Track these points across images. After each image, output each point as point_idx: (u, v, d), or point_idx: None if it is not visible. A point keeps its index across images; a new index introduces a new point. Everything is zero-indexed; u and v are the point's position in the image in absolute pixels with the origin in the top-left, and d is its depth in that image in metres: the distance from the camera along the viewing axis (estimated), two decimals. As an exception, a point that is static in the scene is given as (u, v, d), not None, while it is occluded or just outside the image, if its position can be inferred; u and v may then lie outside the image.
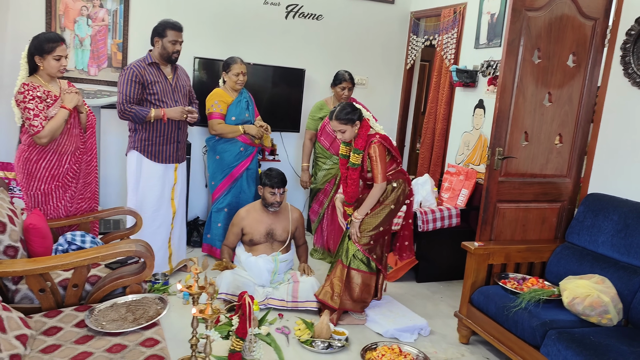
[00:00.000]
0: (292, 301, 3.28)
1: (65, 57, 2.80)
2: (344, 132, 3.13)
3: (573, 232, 3.11)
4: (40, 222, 2.58)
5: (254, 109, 4.06)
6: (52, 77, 2.82)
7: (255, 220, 3.47)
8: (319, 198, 4.23)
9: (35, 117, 2.69)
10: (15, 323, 1.96)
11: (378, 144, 3.09)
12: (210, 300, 2.24)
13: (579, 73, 3.17)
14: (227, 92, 3.91)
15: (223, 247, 3.56)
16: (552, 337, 2.43)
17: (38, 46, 2.73)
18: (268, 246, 3.48)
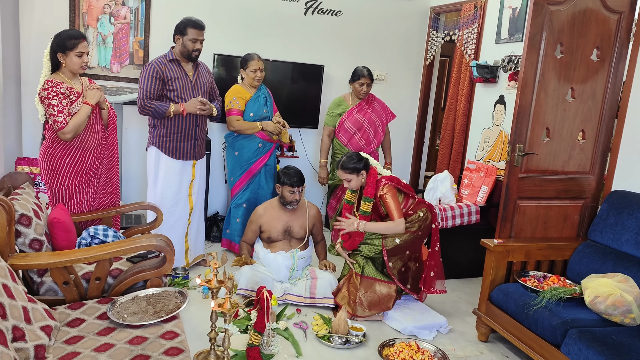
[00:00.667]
0: (310, 297, 3.30)
1: (87, 53, 2.84)
2: (350, 181, 3.21)
3: (596, 230, 3.06)
4: (64, 216, 2.64)
5: (273, 104, 4.07)
6: (75, 74, 2.87)
7: (272, 217, 3.49)
8: (337, 194, 4.23)
9: (59, 113, 2.74)
10: (40, 314, 2.01)
11: (387, 184, 3.15)
12: (229, 294, 2.26)
13: (603, 68, 3.11)
14: (245, 89, 3.93)
15: (242, 244, 3.59)
16: (573, 336, 2.39)
17: (60, 43, 2.78)
18: (286, 243, 3.49)
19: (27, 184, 2.79)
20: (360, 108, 4.12)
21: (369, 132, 4.11)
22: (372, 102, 4.18)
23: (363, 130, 4.10)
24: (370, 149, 4.10)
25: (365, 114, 4.12)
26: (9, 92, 3.80)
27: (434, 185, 4.21)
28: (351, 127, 4.10)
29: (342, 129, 4.13)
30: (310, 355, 2.77)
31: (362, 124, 4.10)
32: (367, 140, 4.11)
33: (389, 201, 3.13)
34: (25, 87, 4.11)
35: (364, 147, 4.08)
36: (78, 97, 2.85)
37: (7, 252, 2.21)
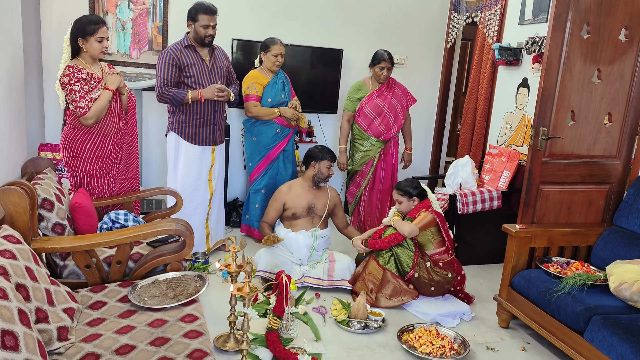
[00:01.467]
0: (328, 279, 3.31)
1: (107, 38, 2.85)
2: (401, 203, 3.31)
3: (622, 215, 2.98)
4: (85, 201, 2.68)
5: (290, 89, 4.04)
6: (95, 59, 2.88)
7: (297, 195, 3.54)
8: (356, 180, 4.19)
9: (81, 98, 2.76)
10: (62, 297, 2.04)
11: (431, 212, 3.19)
12: (248, 278, 2.27)
13: (631, 48, 3.01)
14: (262, 74, 3.91)
15: (262, 225, 3.60)
16: (597, 323, 2.35)
17: (80, 28, 2.78)
18: (308, 221, 3.55)
19: (49, 169, 2.83)
20: (381, 92, 4.04)
21: (389, 117, 4.04)
22: (392, 86, 4.09)
23: (383, 115, 4.02)
24: (390, 135, 4.05)
25: (385, 98, 4.03)
26: (31, 79, 3.84)
27: (455, 170, 4.15)
28: (371, 112, 4.02)
29: (362, 114, 4.06)
30: (329, 339, 2.77)
31: (382, 109, 4.02)
32: (387, 125, 4.04)
33: (420, 217, 3.18)
34: (46, 74, 4.16)
35: (384, 133, 4.02)
36: (98, 82, 2.86)
37: (30, 236, 2.24)
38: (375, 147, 4.06)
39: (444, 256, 3.28)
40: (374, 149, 4.06)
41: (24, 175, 2.73)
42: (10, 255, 1.83)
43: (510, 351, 2.81)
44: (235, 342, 2.57)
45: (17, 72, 2.66)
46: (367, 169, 4.11)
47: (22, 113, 2.81)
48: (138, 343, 1.88)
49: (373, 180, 4.13)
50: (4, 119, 2.41)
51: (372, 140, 4.06)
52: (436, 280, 3.15)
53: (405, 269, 3.15)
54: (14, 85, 2.61)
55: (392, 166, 4.16)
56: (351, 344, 2.75)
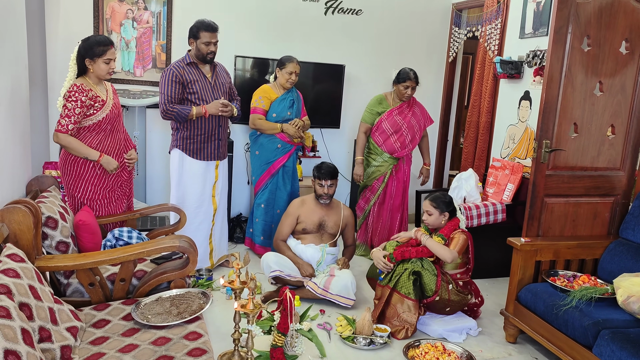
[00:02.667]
0: (323, 290, 3.30)
1: (114, 59, 2.87)
2: (431, 215, 3.17)
3: (628, 227, 2.97)
4: (89, 219, 2.68)
5: (301, 108, 4.06)
6: (101, 79, 2.90)
7: (309, 209, 3.56)
8: (366, 194, 4.17)
9: (66, 117, 2.76)
10: (66, 315, 2.04)
11: (465, 237, 3.09)
12: (251, 295, 2.26)
13: (632, 60, 3.02)
14: (273, 89, 3.95)
15: (279, 243, 3.53)
16: (605, 337, 2.32)
17: (89, 49, 2.80)
18: (317, 237, 3.55)
19: (54, 187, 2.83)
20: (401, 110, 4.03)
21: (405, 136, 4.03)
22: (412, 105, 4.08)
23: (400, 133, 4.02)
24: (404, 153, 4.06)
25: (405, 117, 4.03)
26: (36, 98, 3.87)
27: (459, 183, 4.15)
28: (389, 128, 4.01)
29: (380, 129, 4.04)
30: (335, 356, 2.75)
31: (400, 127, 4.01)
32: (402, 143, 4.03)
33: (457, 240, 3.06)
34: (51, 93, 4.19)
35: (398, 150, 4.03)
36: (102, 105, 2.88)
37: (34, 254, 2.24)
38: (388, 163, 4.05)
39: (464, 276, 3.19)
40: (386, 164, 4.06)
41: (28, 193, 2.74)
42: (14, 274, 1.83)
43: (518, 366, 2.78)
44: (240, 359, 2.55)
45: (22, 90, 2.69)
46: (377, 185, 4.10)
47: (27, 131, 2.82)
48: (142, 362, 1.87)
49: (383, 196, 4.11)
50: (9, 137, 2.43)
51: (385, 156, 4.05)
52: (455, 301, 3.05)
53: (428, 294, 2.99)
54: (19, 103, 2.63)
55: (403, 183, 4.15)
56: (356, 360, 2.73)
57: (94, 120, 2.85)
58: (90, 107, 2.82)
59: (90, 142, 2.86)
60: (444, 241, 3.07)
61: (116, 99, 3.03)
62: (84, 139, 2.85)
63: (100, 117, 2.86)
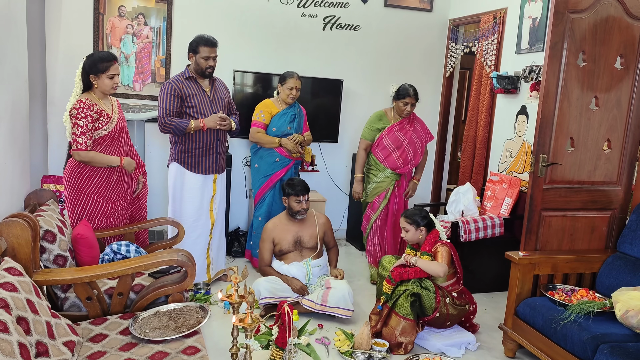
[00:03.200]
0: (321, 304, 3.28)
1: (118, 75, 2.92)
2: (407, 231, 3.18)
3: (625, 241, 2.97)
4: (87, 232, 2.68)
5: (303, 123, 4.08)
6: (105, 94, 2.94)
7: (282, 230, 3.52)
8: (367, 213, 4.07)
9: (81, 134, 2.81)
10: (63, 330, 2.02)
11: (445, 245, 3.09)
12: (250, 309, 2.25)
13: (627, 75, 3.05)
14: (275, 104, 3.98)
15: (264, 269, 3.53)
16: (605, 352, 2.31)
17: (93, 65, 2.84)
18: (297, 254, 3.52)
19: (52, 200, 2.83)
20: (402, 126, 3.96)
21: (407, 152, 3.94)
22: (413, 121, 4.01)
23: (402, 149, 3.93)
24: (406, 169, 3.98)
25: (406, 133, 3.95)
26: (35, 112, 3.89)
27: (457, 197, 4.16)
28: (390, 144, 3.92)
29: (381, 145, 3.95)
30: (333, 371, 2.73)
31: (401, 143, 3.93)
32: (404, 159, 3.94)
33: (441, 252, 3.05)
34: (51, 107, 4.21)
35: (401, 167, 3.94)
36: (108, 119, 2.92)
37: (32, 268, 2.23)
38: (389, 179, 3.97)
39: (456, 287, 3.19)
40: (388, 180, 3.97)
41: (27, 207, 2.74)
42: (12, 287, 1.83)
43: (517, 381, 2.77)
44: (238, 375, 2.53)
45: (22, 104, 2.70)
46: (378, 201, 4.00)
47: (26, 145, 2.83)
48: (139, 376, 1.86)
49: (386, 212, 4.00)
50: (8, 151, 2.44)
51: (387, 172, 3.97)
52: (454, 314, 3.06)
53: (428, 312, 2.98)
54: (19, 117, 2.64)
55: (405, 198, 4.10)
56: (355, 375, 2.71)
57: (100, 134, 2.89)
58: (96, 121, 2.86)
59: None
60: (430, 257, 3.07)
61: (121, 114, 3.08)
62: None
63: (106, 131, 2.91)
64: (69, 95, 4.17)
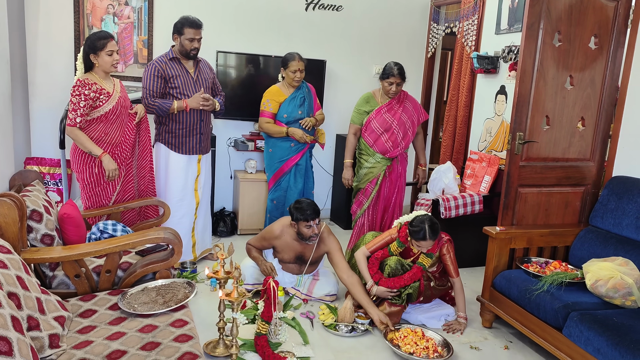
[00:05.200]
0: (307, 294, 3.36)
1: (117, 51, 3.02)
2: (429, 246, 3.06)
3: (597, 215, 3.09)
4: (74, 212, 2.71)
5: (313, 103, 4.04)
6: (107, 72, 3.05)
7: (286, 244, 3.30)
8: (359, 198, 3.91)
9: (72, 111, 2.93)
10: (53, 305, 2.07)
11: (449, 242, 3.13)
12: (236, 283, 2.32)
13: (601, 55, 3.14)
14: (282, 89, 3.94)
15: (249, 248, 3.42)
16: (575, 319, 2.43)
17: (91, 45, 2.96)
18: (296, 267, 3.41)
19: (37, 181, 2.86)
20: (390, 107, 3.73)
21: (397, 134, 3.73)
22: (403, 100, 3.78)
23: (391, 132, 3.72)
24: (396, 152, 3.76)
25: (394, 114, 3.72)
26: (16, 95, 3.86)
27: (437, 176, 4.25)
28: (378, 127, 3.72)
29: (369, 129, 3.75)
30: (317, 343, 2.82)
31: (390, 125, 3.71)
32: (394, 142, 3.74)
33: (450, 260, 3.12)
34: (32, 88, 4.18)
35: (390, 150, 3.74)
36: (108, 97, 3.03)
37: (19, 247, 2.27)
38: (381, 165, 3.77)
39: (440, 269, 3.25)
40: (379, 166, 3.78)
41: (11, 187, 2.76)
42: (1, 264, 1.87)
43: (494, 350, 2.89)
44: (225, 348, 2.61)
45: (4, 86, 2.70)
46: (370, 187, 3.83)
47: (10, 127, 2.84)
48: (129, 348, 1.92)
49: (377, 198, 3.86)
50: (-8, 132, 2.45)
51: (377, 157, 3.77)
52: (436, 294, 3.19)
53: (413, 299, 3.09)
54: (1, 99, 2.64)
55: (396, 184, 3.89)
56: (339, 347, 2.81)
57: (101, 112, 3.00)
58: (96, 100, 2.97)
59: (98, 133, 3.04)
60: (431, 258, 3.09)
61: (124, 94, 3.18)
62: (93, 130, 3.02)
63: (107, 108, 3.02)
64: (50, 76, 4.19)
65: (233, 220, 4.63)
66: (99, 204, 3.12)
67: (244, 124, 4.83)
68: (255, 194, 4.54)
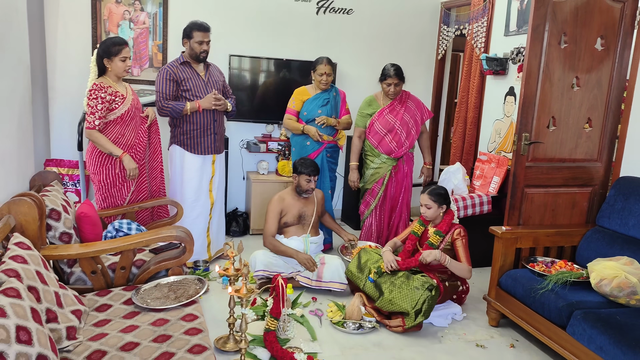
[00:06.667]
0: (317, 280, 3.45)
1: (130, 58, 3.13)
2: (430, 208, 3.22)
3: (604, 215, 3.11)
4: (91, 211, 2.82)
5: (340, 107, 4.14)
6: (119, 77, 3.16)
7: (289, 204, 3.65)
8: (366, 199, 4.05)
9: (91, 114, 3.04)
10: (70, 299, 2.17)
11: (464, 232, 3.21)
12: (245, 280, 2.39)
13: (608, 56, 3.16)
14: (309, 90, 4.09)
15: (271, 240, 3.52)
16: (578, 317, 2.46)
17: (106, 50, 3.07)
18: (299, 228, 3.65)
19: (56, 181, 2.97)
20: (392, 108, 3.88)
21: (400, 134, 3.86)
22: (405, 100, 3.92)
23: (394, 132, 3.86)
24: (401, 152, 3.89)
25: (397, 114, 3.86)
26: (37, 98, 4.00)
27: (447, 176, 4.28)
28: (381, 128, 3.86)
29: (372, 131, 3.90)
30: (325, 339, 2.89)
31: (393, 125, 3.85)
32: (398, 142, 3.87)
33: (462, 246, 3.18)
34: (51, 93, 4.32)
35: (395, 150, 3.87)
36: (123, 99, 3.15)
37: (39, 244, 2.38)
38: (386, 165, 3.90)
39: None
40: (385, 166, 3.91)
41: (32, 187, 2.88)
42: (22, 260, 1.97)
43: (500, 348, 2.92)
44: (235, 343, 2.69)
45: (25, 90, 2.82)
46: (377, 188, 3.96)
47: (30, 129, 2.96)
48: (142, 340, 2.01)
49: (384, 198, 3.99)
50: (14, 134, 2.56)
51: (383, 158, 3.91)
52: (448, 292, 3.22)
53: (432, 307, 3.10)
54: (23, 102, 2.76)
55: (403, 184, 4.01)
56: (346, 343, 2.87)
57: (117, 114, 3.12)
58: (112, 102, 3.08)
59: (115, 135, 3.14)
60: (441, 237, 3.18)
61: (135, 97, 3.31)
62: (110, 132, 3.13)
63: (123, 110, 3.14)
64: (69, 80, 4.31)
65: (245, 221, 4.72)
66: (114, 205, 3.22)
67: (256, 126, 4.92)
68: (267, 194, 4.62)
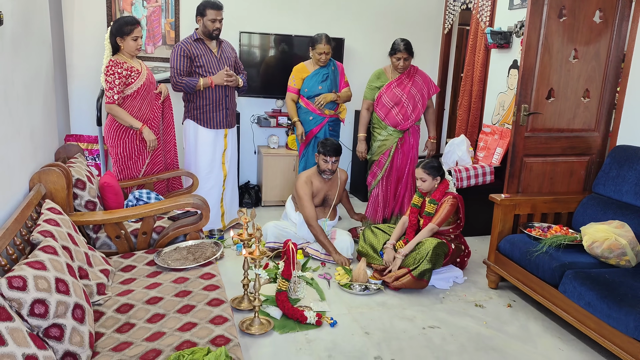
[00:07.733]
0: (325, 254, 3.63)
1: (141, 37, 3.29)
2: (425, 181, 3.38)
3: (599, 183, 3.24)
4: (113, 181, 3.01)
5: (338, 81, 4.25)
6: (132, 55, 3.32)
7: (317, 187, 3.73)
8: (373, 170, 4.14)
9: (109, 89, 3.22)
10: (99, 260, 2.38)
11: (453, 200, 3.34)
12: (257, 243, 2.58)
13: (606, 29, 3.25)
14: (307, 66, 4.18)
15: (315, 227, 3.59)
16: (569, 276, 2.63)
17: (119, 28, 3.23)
18: (320, 210, 3.76)
19: (79, 154, 3.17)
20: (400, 82, 3.94)
21: (407, 107, 3.93)
22: (413, 75, 3.97)
23: (401, 105, 3.92)
24: (407, 124, 3.97)
25: (404, 88, 3.93)
26: (56, 75, 4.17)
27: (451, 148, 4.42)
28: (389, 101, 3.93)
29: (380, 103, 3.97)
30: (333, 299, 3.09)
31: (400, 99, 3.92)
32: (404, 115, 3.94)
33: (444, 210, 3.32)
34: (70, 70, 4.50)
35: (401, 122, 3.94)
36: (138, 74, 3.32)
37: (67, 211, 2.58)
38: (393, 137, 3.99)
39: (455, 231, 3.48)
40: (391, 138, 3.99)
41: (57, 160, 3.07)
42: (55, 223, 2.17)
43: (497, 307, 3.10)
44: (249, 302, 2.90)
45: (48, 68, 3.00)
46: (384, 159, 4.05)
47: (54, 105, 3.14)
48: (165, 295, 2.22)
49: (390, 169, 4.08)
50: (40, 110, 2.75)
51: (389, 130, 3.98)
52: (455, 252, 3.39)
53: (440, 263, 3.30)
54: (47, 80, 2.94)
55: (409, 155, 4.08)
56: (352, 303, 3.07)
57: (133, 88, 3.29)
58: (128, 77, 3.26)
59: (132, 108, 3.32)
60: (435, 205, 3.36)
61: (149, 72, 3.47)
62: (127, 107, 3.31)
63: (138, 84, 3.31)
64: (86, 59, 4.47)
65: (257, 193, 4.91)
66: (130, 176, 3.42)
67: (266, 101, 5.08)
68: (278, 168, 4.80)
